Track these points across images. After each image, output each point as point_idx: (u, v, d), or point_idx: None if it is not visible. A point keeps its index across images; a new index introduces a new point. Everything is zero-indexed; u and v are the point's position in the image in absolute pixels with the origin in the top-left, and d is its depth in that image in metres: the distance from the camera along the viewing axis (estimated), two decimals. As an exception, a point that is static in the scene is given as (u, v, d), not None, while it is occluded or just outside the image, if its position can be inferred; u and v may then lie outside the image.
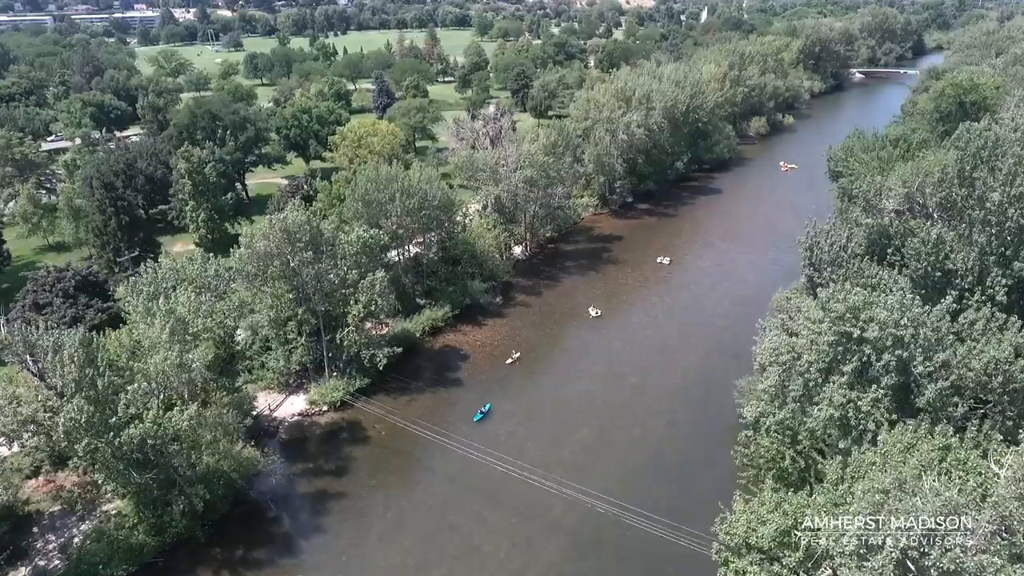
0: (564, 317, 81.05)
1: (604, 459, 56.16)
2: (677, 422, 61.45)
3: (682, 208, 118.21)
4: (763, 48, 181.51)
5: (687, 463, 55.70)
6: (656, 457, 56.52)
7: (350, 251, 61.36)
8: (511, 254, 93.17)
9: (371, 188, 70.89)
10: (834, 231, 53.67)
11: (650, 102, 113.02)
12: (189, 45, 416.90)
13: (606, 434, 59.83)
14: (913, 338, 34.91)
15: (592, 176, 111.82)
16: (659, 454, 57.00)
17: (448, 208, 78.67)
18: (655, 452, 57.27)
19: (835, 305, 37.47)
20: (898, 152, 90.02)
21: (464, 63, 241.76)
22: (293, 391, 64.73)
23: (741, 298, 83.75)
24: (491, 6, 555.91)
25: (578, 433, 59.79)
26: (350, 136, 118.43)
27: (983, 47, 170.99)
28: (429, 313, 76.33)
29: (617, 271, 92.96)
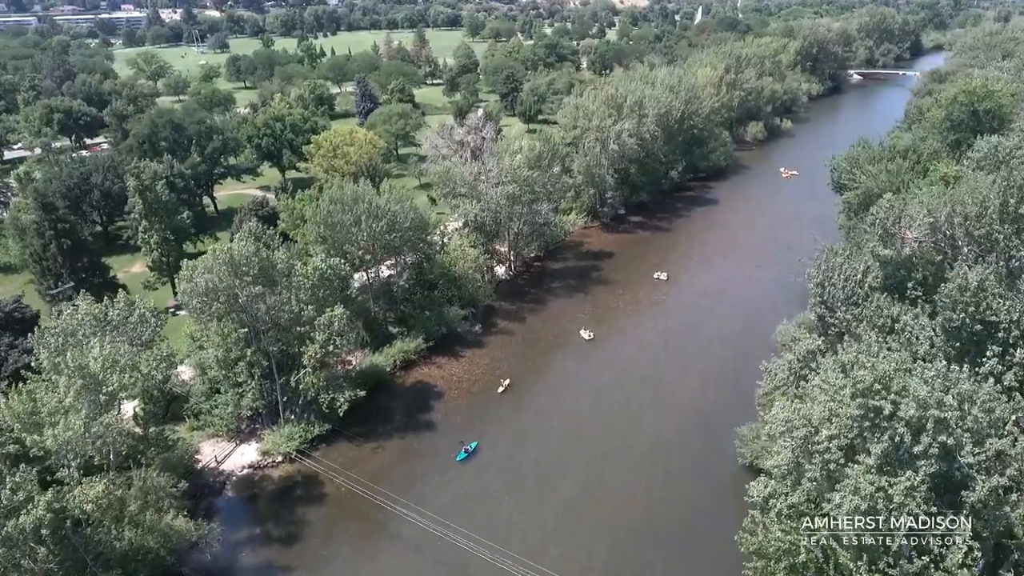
0: (550, 346, 74.59)
1: (590, 523, 49.68)
2: (672, 472, 55.06)
3: (677, 220, 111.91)
4: (760, 50, 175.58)
5: (684, 529, 49.26)
6: (649, 520, 50.02)
7: (306, 284, 54.78)
8: (493, 275, 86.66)
9: (334, 210, 64.28)
10: (848, 264, 47.43)
11: (642, 109, 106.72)
12: (175, 46, 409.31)
13: (593, 487, 53.43)
14: (959, 420, 28.73)
15: (581, 188, 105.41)
16: (652, 516, 50.50)
17: (422, 229, 72.12)
18: (648, 512, 50.79)
19: (860, 373, 31.18)
20: (908, 164, 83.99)
21: (452, 65, 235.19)
22: (244, 439, 58.09)
23: (741, 322, 77.56)
24: (483, 6, 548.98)
25: (562, 487, 53.38)
26: (325, 145, 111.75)
27: (987, 48, 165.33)
28: (400, 345, 69.73)
29: (608, 292, 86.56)
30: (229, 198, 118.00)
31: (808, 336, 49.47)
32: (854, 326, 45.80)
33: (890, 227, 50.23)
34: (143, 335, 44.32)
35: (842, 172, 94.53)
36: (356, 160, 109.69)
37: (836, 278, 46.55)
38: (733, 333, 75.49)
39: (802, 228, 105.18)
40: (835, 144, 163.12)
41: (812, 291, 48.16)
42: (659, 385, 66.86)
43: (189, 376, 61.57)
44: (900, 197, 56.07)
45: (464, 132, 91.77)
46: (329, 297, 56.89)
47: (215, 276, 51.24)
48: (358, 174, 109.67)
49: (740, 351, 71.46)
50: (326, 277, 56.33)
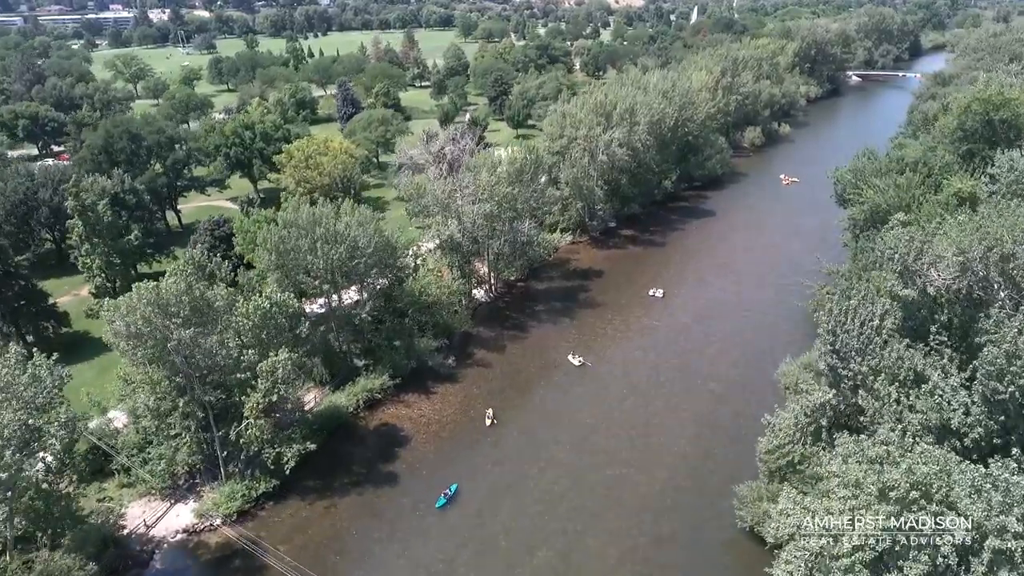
0: (530, 380, 68.07)
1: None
2: (662, 537, 48.65)
3: (671, 234, 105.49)
4: (757, 52, 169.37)
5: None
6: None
7: (246, 325, 48.23)
8: (471, 298, 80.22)
9: (287, 236, 57.68)
10: (862, 306, 41.09)
11: (634, 117, 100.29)
12: (162, 47, 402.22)
13: (572, 557, 46.99)
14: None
15: (569, 201, 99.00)
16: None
17: (389, 253, 65.57)
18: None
19: (893, 476, 24.76)
20: (918, 178, 77.74)
21: (441, 67, 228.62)
22: (181, 497, 51.50)
23: (739, 353, 71.25)
24: (477, 6, 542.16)
25: (538, 556, 46.91)
26: (297, 155, 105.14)
27: (991, 50, 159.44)
28: (364, 383, 63.17)
29: (596, 316, 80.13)
30: (197, 211, 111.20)
31: (817, 387, 43.24)
32: (870, 380, 39.55)
33: (911, 264, 43.98)
34: (36, 398, 37.85)
35: (846, 185, 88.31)
36: (330, 171, 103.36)
37: (850, 323, 40.34)
38: (731, 366, 69.15)
39: (804, 242, 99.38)
40: (836, 149, 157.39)
41: (822, 337, 41.99)
42: (649, 428, 60.40)
43: (123, 423, 55.05)
44: (922, 229, 49.58)
45: (441, 143, 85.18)
46: (275, 339, 50.31)
47: (138, 319, 44.65)
48: (331, 186, 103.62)
49: (738, 389, 65.21)
50: (271, 316, 49.76)
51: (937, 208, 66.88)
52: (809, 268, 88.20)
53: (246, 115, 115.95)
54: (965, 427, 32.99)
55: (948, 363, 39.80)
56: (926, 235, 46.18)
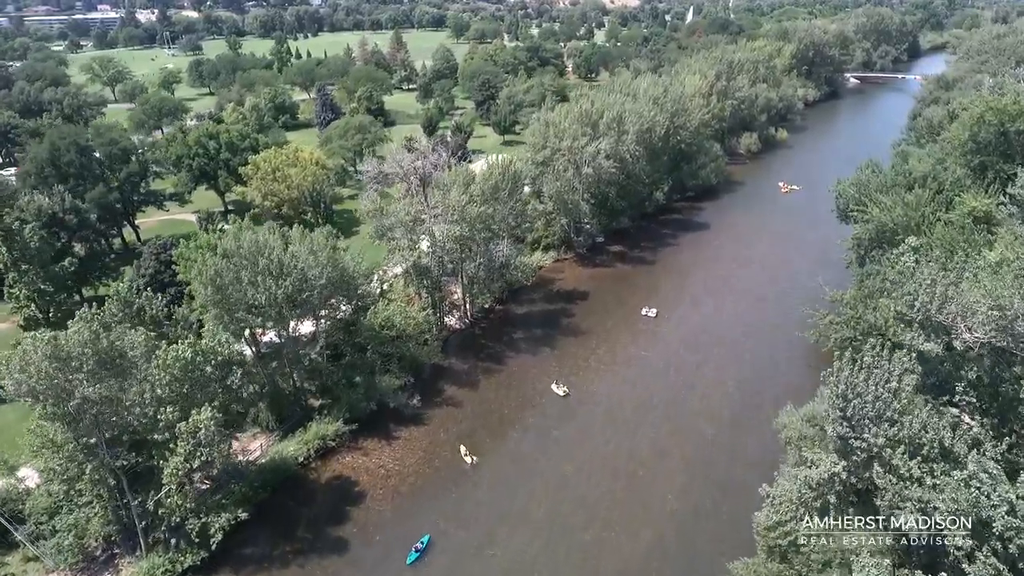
0: (504, 421, 61.68)
1: None
2: (645, 619, 42.41)
3: (662, 250, 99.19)
4: (753, 54, 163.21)
5: None
6: None
7: (162, 379, 41.76)
8: (443, 326, 73.83)
9: (226, 268, 51.19)
10: (876, 365, 34.80)
11: (622, 126, 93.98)
12: (148, 48, 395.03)
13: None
14: None
15: (553, 216, 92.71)
16: None
17: (347, 284, 59.18)
18: None
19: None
20: (928, 195, 71.67)
21: (428, 69, 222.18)
22: (96, 573, 45.02)
23: (734, 389, 64.98)
24: (470, 6, 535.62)
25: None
26: (263, 167, 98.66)
27: (996, 53, 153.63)
28: (318, 428, 56.75)
29: (580, 345, 73.78)
30: (159, 226, 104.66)
31: (823, 456, 37.07)
32: (887, 453, 33.36)
33: (934, 314, 37.78)
34: None
35: (849, 200, 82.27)
36: (298, 183, 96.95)
37: (864, 386, 34.16)
38: (725, 403, 62.88)
39: (804, 258, 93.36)
40: (836, 155, 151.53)
41: (831, 400, 35.77)
42: (633, 478, 54.08)
43: (36, 483, 48.56)
44: (943, 268, 43.31)
45: (411, 158, 78.68)
46: (199, 392, 43.85)
47: (32, 375, 38.19)
48: (300, 200, 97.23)
49: (733, 430, 58.98)
50: (194, 367, 43.29)
51: (952, 232, 60.74)
52: (810, 287, 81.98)
53: (211, 124, 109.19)
54: (1010, 531, 26.79)
55: (980, 429, 33.62)
56: (950, 275, 39.86)
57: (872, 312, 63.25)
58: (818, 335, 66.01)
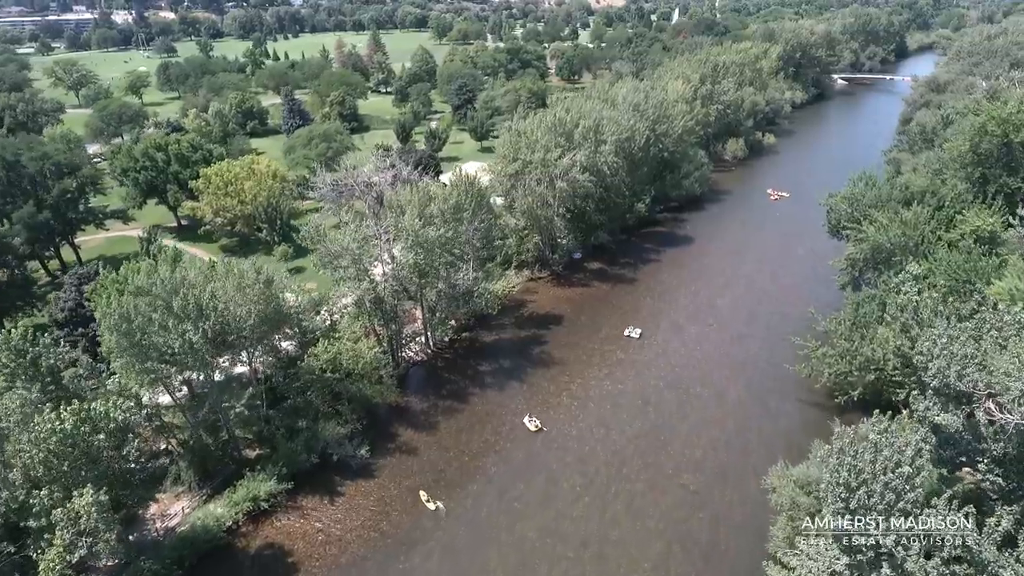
0: (463, 474, 55.10)
1: None
2: None
3: (643, 267, 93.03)
4: (739, 57, 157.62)
5: None
6: None
7: (35, 456, 34.93)
8: (401, 358, 67.24)
9: (135, 311, 44.31)
10: (885, 442, 28.76)
11: (599, 135, 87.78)
12: (123, 50, 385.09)
13: None
14: None
15: (525, 234, 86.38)
16: None
17: (285, 320, 52.51)
18: None
19: None
20: (927, 212, 66.00)
21: (407, 71, 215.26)
22: None
23: (719, 433, 58.86)
24: (454, 7, 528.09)
25: None
26: (215, 180, 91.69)
27: (988, 55, 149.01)
28: (249, 487, 50.03)
29: (550, 380, 67.41)
30: (106, 244, 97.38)
31: (821, 547, 30.99)
32: (899, 553, 27.34)
33: (954, 383, 31.86)
34: None
35: (841, 215, 76.58)
36: (252, 198, 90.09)
37: (870, 471, 28.11)
38: (708, 449, 56.73)
39: (794, 275, 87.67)
40: (826, 160, 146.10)
41: (830, 487, 29.64)
42: (604, 546, 47.68)
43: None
44: (965, 329, 37.22)
45: (366, 173, 72.08)
46: (85, 469, 37.05)
47: None
48: (255, 216, 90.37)
49: (717, 484, 52.88)
50: (80, 438, 36.48)
51: (958, 259, 54.94)
52: (801, 310, 76.51)
53: (161, 135, 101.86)
54: None
55: (1009, 518, 27.63)
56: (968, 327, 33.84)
57: (869, 345, 57.49)
58: (810, 370, 60.10)
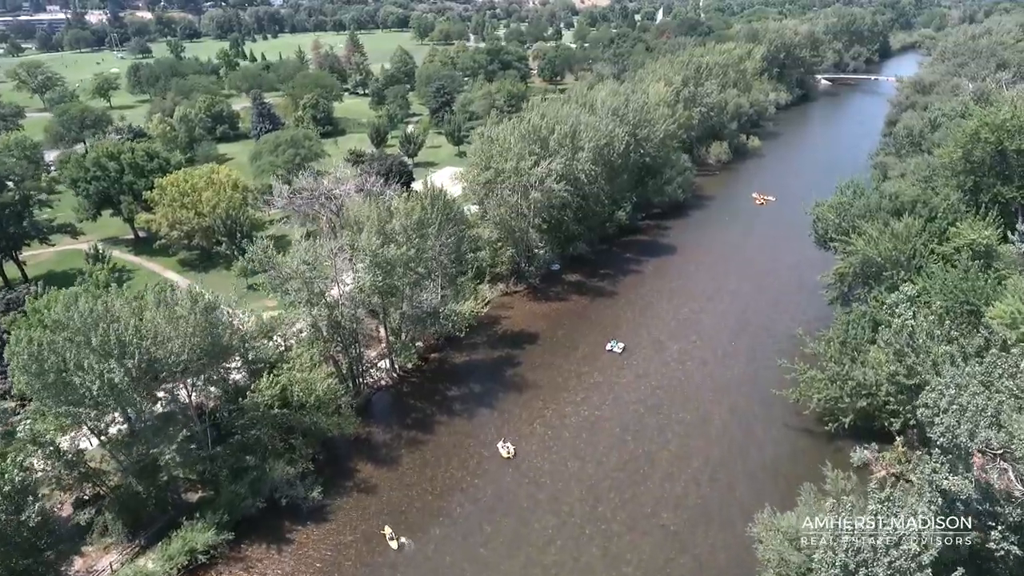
0: (425, 516, 50.59)
1: None
2: None
3: (624, 279, 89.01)
4: (723, 58, 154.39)
5: None
6: None
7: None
8: (363, 384, 62.70)
9: (48, 350, 39.44)
10: (885, 510, 24.77)
11: (576, 142, 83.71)
12: (97, 51, 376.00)
13: None
14: None
15: (499, 247, 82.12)
16: None
17: (225, 353, 47.82)
18: None
19: None
20: (918, 224, 62.51)
21: (384, 72, 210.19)
22: None
23: (701, 464, 54.95)
24: (437, 6, 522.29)
25: None
26: (171, 191, 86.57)
27: (973, 55, 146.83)
28: (184, 539, 45.23)
29: (523, 405, 63.14)
30: (56, 259, 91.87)
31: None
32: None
33: (965, 442, 28.00)
34: None
35: (828, 225, 73.04)
36: (211, 209, 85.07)
37: (870, 549, 24.03)
38: (691, 483, 52.71)
39: (780, 287, 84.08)
40: (811, 163, 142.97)
41: (822, 565, 25.67)
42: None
43: None
44: (974, 371, 33.31)
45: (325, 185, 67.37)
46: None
47: None
48: (213, 229, 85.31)
49: (699, 523, 48.87)
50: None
51: (955, 278, 51.39)
52: (788, 324, 73.38)
53: (118, 141, 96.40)
54: None
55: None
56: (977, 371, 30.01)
57: (860, 368, 53.84)
58: (799, 395, 56.34)
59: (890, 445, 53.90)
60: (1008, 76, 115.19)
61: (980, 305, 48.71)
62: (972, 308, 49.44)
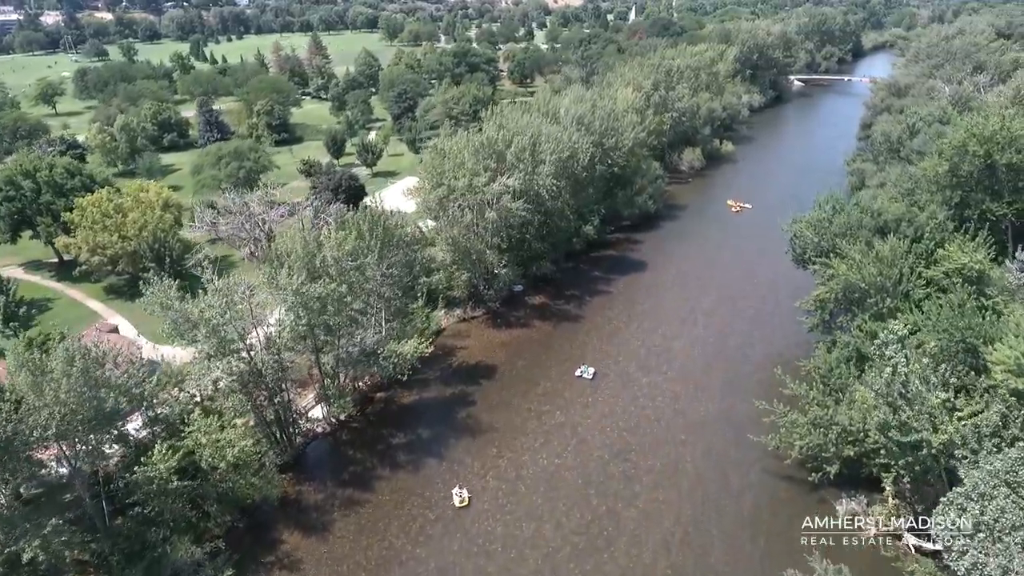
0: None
1: None
2: None
3: (591, 301, 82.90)
4: (694, 60, 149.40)
5: None
6: None
7: None
8: (296, 433, 55.65)
9: None
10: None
11: (537, 155, 77.41)
12: (51, 53, 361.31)
13: None
14: None
15: (454, 268, 75.54)
16: None
17: (109, 417, 40.55)
18: None
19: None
20: (904, 246, 57.27)
21: (347, 75, 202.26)
22: None
23: (671, 523, 48.89)
24: (407, 6, 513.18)
25: None
26: (92, 212, 78.56)
27: (947, 56, 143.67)
28: (59, 646, 38.00)
29: (475, 454, 56.57)
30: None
31: None
32: None
33: None
34: None
35: (807, 243, 67.69)
36: (137, 231, 77.30)
37: None
38: (660, 551, 46.58)
39: (755, 308, 78.59)
40: (789, 167, 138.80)
41: None
42: None
43: None
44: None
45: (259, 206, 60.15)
46: None
47: None
48: (139, 254, 77.47)
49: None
50: None
51: (949, 315, 45.96)
52: (766, 351, 68.25)
53: (32, 158, 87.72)
54: None
55: None
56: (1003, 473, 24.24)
57: (846, 412, 48.26)
58: (778, 441, 50.57)
59: (880, 494, 48.62)
60: (986, 80, 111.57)
61: (979, 344, 43.34)
62: (969, 347, 44.08)
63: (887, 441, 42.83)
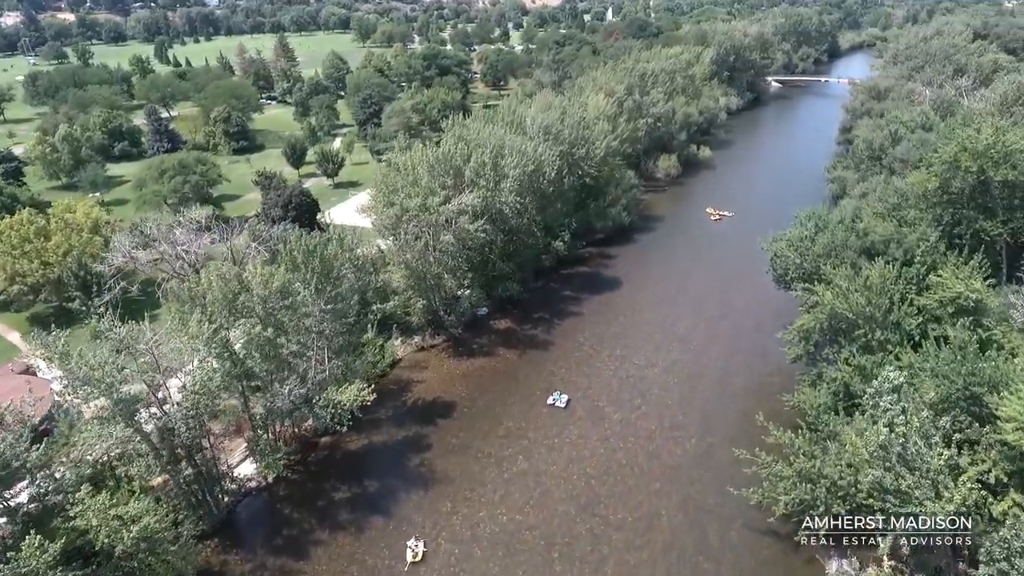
0: None
1: None
2: None
3: (560, 326, 77.21)
4: (670, 63, 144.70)
5: None
6: None
7: None
8: (222, 490, 49.33)
9: None
10: None
11: (499, 170, 71.64)
12: (8, 56, 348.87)
13: None
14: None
15: (409, 297, 69.54)
16: None
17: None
18: None
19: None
20: (893, 271, 52.48)
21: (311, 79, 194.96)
22: None
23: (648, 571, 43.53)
24: (381, 7, 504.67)
25: None
26: (10, 236, 71.37)
27: (927, 58, 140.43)
28: None
29: (429, 508, 50.74)
30: None
31: None
32: None
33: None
34: None
35: (789, 264, 62.81)
36: (61, 257, 70.23)
37: None
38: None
39: (735, 331, 73.55)
40: (769, 171, 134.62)
41: None
42: None
43: None
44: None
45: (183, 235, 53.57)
46: None
47: None
48: (63, 283, 70.40)
49: None
50: None
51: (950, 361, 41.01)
52: (744, 380, 63.41)
53: None
54: None
55: None
56: None
57: (835, 461, 43.26)
58: (762, 496, 45.32)
59: (874, 551, 43.69)
60: (968, 83, 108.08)
61: (983, 393, 38.47)
62: (972, 395, 39.21)
63: (883, 504, 37.89)
